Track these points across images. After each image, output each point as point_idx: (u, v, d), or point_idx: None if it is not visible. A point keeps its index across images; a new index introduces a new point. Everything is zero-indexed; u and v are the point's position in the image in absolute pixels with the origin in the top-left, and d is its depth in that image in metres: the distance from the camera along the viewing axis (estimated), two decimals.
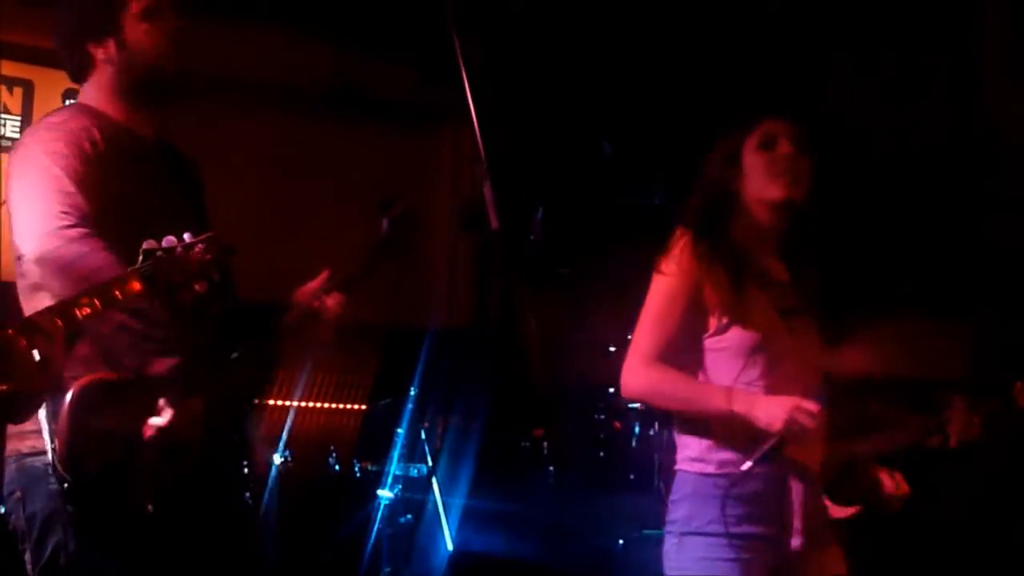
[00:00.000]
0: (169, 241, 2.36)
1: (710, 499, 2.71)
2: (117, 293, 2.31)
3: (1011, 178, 4.73)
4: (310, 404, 5.77)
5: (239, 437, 2.94)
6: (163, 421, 2.55)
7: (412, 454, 5.09)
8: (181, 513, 2.65)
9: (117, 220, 2.62)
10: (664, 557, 2.78)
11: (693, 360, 2.79)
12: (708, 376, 2.77)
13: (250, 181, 5.76)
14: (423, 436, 5.12)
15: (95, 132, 2.69)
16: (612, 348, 5.27)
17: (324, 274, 2.97)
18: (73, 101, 2.91)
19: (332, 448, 5.33)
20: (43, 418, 2.56)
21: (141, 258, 2.33)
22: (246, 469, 4.84)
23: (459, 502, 5.12)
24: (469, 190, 3.74)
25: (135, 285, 2.32)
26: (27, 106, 5.15)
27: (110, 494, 2.55)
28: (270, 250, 2.97)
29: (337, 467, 5.24)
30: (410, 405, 5.07)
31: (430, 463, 5.05)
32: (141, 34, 2.76)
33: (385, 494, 4.93)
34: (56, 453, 2.51)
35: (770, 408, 2.64)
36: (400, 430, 5.04)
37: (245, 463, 4.81)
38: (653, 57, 5.44)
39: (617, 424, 5.26)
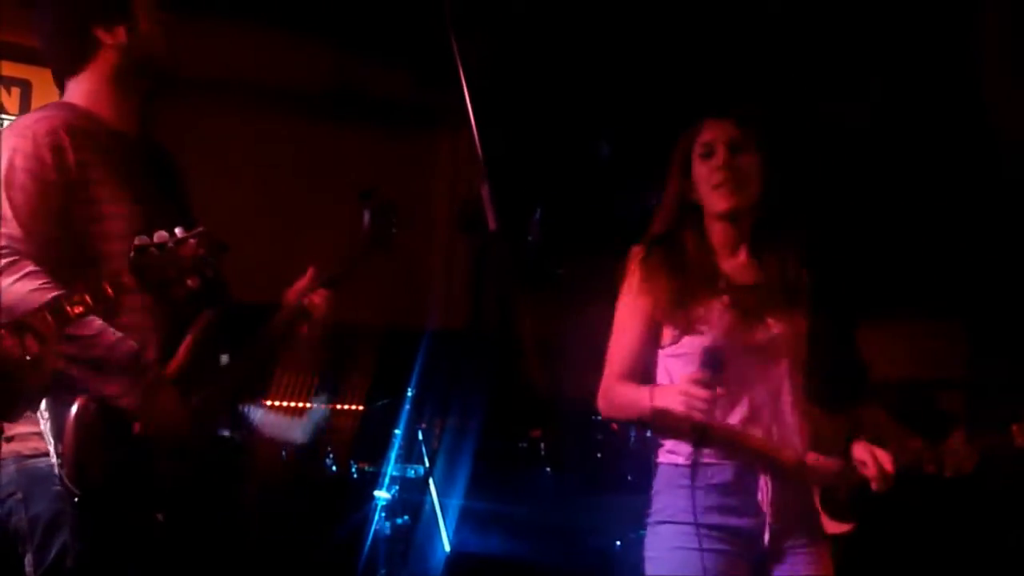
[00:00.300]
0: (160, 236, 2.35)
1: (680, 489, 2.77)
2: (109, 289, 2.31)
3: (1012, 177, 4.73)
4: (308, 405, 5.77)
5: (238, 437, 2.93)
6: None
7: (409, 455, 5.08)
8: (186, 516, 2.66)
9: (83, 225, 2.61)
10: (643, 547, 2.85)
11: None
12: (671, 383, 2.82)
13: (247, 182, 5.76)
14: (420, 437, 5.11)
15: (63, 137, 2.64)
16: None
17: (310, 272, 2.97)
18: None
19: (329, 449, 5.33)
20: (44, 424, 2.55)
21: (133, 254, 2.33)
22: (245, 469, 4.87)
23: (456, 503, 5.12)
24: (467, 191, 3.74)
25: (126, 282, 2.32)
26: (25, 106, 5.15)
27: (120, 505, 2.56)
28: (268, 251, 2.97)
29: (334, 468, 5.24)
30: (407, 406, 5.07)
31: (427, 464, 5.04)
32: (154, 24, 2.78)
33: (382, 495, 4.92)
34: (62, 468, 2.50)
35: (667, 395, 2.69)
36: (397, 431, 5.04)
37: (244, 464, 4.84)
38: (651, 58, 5.44)
39: (614, 425, 5.26)
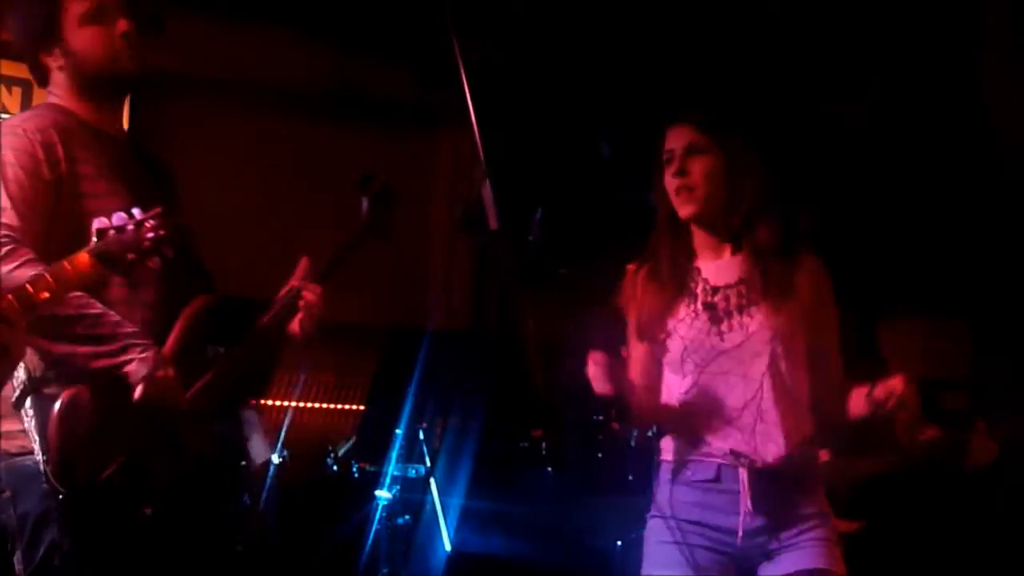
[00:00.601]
0: (120, 218, 2.35)
1: (664, 484, 2.83)
2: (71, 274, 2.31)
3: (1012, 177, 4.73)
4: (308, 404, 5.78)
5: (235, 435, 2.93)
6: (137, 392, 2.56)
7: (410, 455, 5.08)
8: (178, 513, 2.66)
9: (74, 220, 2.61)
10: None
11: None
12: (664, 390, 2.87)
13: (249, 181, 5.77)
14: (421, 436, 5.11)
15: (52, 134, 2.67)
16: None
17: (302, 263, 2.93)
18: None
19: (330, 448, 5.33)
20: (28, 422, 2.56)
21: (94, 238, 2.34)
22: (243, 469, 4.87)
23: (457, 503, 5.12)
24: (468, 191, 3.74)
25: (87, 264, 2.32)
26: (26, 105, 5.16)
27: (106, 501, 2.55)
28: (268, 250, 2.96)
29: (335, 467, 5.24)
30: (409, 405, 5.07)
31: (428, 464, 5.04)
32: (85, 39, 2.75)
33: (383, 495, 4.92)
34: (48, 465, 2.51)
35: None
36: (399, 430, 5.04)
37: (243, 463, 4.85)
38: (652, 58, 5.44)
39: (615, 425, 5.26)
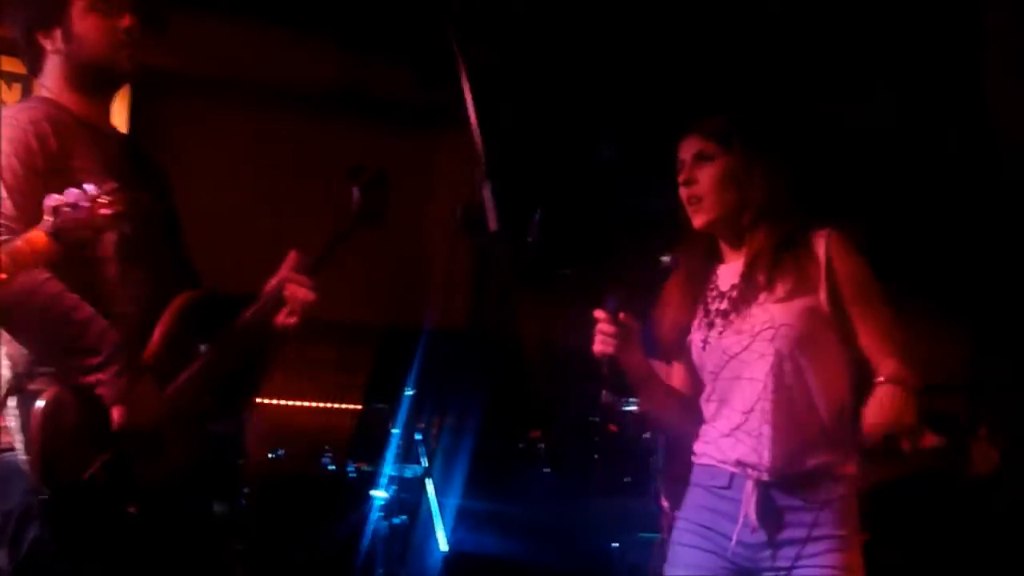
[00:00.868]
0: (74, 195, 2.34)
1: (692, 486, 2.84)
2: (27, 252, 2.30)
3: (1014, 178, 4.72)
4: (304, 403, 5.78)
5: (228, 434, 2.91)
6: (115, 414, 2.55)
7: (407, 455, 5.08)
8: (163, 512, 2.65)
9: None
10: None
11: None
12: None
13: (249, 180, 5.77)
14: (418, 437, 5.11)
15: (46, 126, 2.67)
16: None
17: (291, 256, 2.90)
18: None
19: (326, 448, 5.33)
20: (12, 421, 2.55)
21: (49, 217, 2.32)
22: (239, 468, 4.87)
23: (454, 503, 5.12)
24: (468, 192, 3.74)
25: (44, 243, 2.30)
26: None
27: (90, 500, 2.54)
28: (268, 249, 2.94)
29: (331, 467, 5.24)
30: (406, 405, 5.07)
31: (425, 464, 5.04)
32: (88, 28, 2.75)
33: (380, 494, 4.92)
34: (31, 465, 2.50)
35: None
36: (395, 430, 5.04)
37: (240, 462, 4.84)
38: (653, 59, 5.44)
39: (613, 427, 5.26)
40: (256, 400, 5.17)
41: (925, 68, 5.00)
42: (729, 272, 2.84)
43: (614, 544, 4.78)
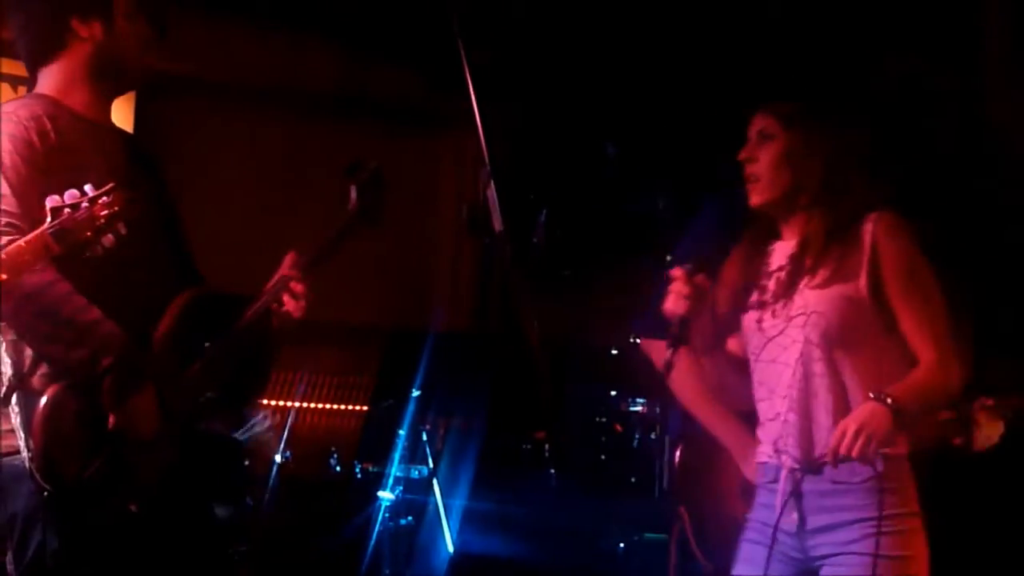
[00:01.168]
0: (72, 196, 2.33)
1: (757, 486, 2.83)
2: (27, 255, 2.30)
3: (1014, 185, 4.71)
4: (311, 405, 5.78)
5: (232, 436, 2.91)
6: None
7: (413, 456, 5.08)
8: (165, 511, 2.66)
9: None
10: None
11: None
12: None
13: (254, 182, 5.77)
14: (424, 438, 5.11)
15: (46, 122, 2.66)
16: (614, 351, 5.28)
17: (289, 257, 2.90)
18: None
19: (333, 449, 5.33)
20: (15, 418, 2.56)
21: (49, 218, 2.31)
22: (246, 469, 4.87)
23: (460, 504, 5.12)
24: (473, 193, 3.74)
25: (45, 244, 2.30)
26: None
27: (91, 498, 2.55)
28: (271, 252, 2.95)
29: (338, 468, 5.24)
30: (412, 407, 5.07)
31: (431, 465, 5.04)
32: (131, 27, 2.77)
33: (386, 495, 4.92)
34: (32, 463, 2.50)
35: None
36: (401, 432, 5.04)
37: (246, 463, 4.85)
38: (658, 61, 5.43)
39: (618, 427, 5.26)
40: (261, 401, 5.18)
41: (924, 75, 4.98)
42: (781, 252, 2.81)
43: (620, 545, 4.78)
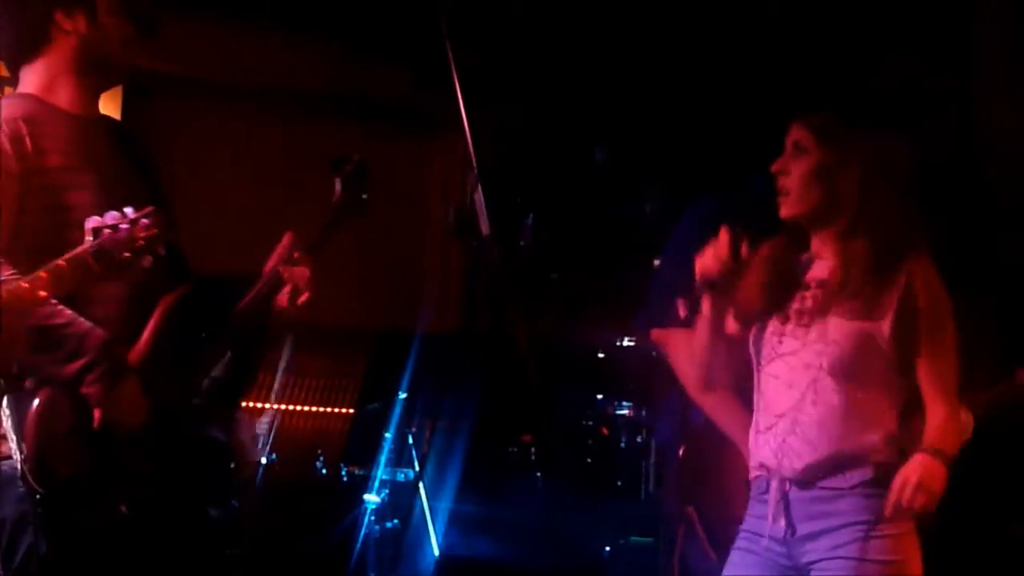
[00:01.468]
0: (114, 217, 2.36)
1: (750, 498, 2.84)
2: (68, 272, 2.32)
3: (1007, 193, 4.73)
4: (297, 407, 5.77)
5: (222, 437, 2.90)
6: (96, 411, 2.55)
7: (399, 458, 5.08)
8: (156, 514, 2.65)
9: (43, 215, 2.61)
10: None
11: None
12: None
13: (242, 182, 5.76)
14: (410, 440, 5.11)
15: (21, 126, 2.64)
16: (601, 354, 5.28)
17: (287, 237, 2.92)
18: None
19: (319, 451, 5.32)
20: (6, 421, 2.54)
21: (90, 237, 2.34)
22: (232, 471, 4.86)
23: (446, 507, 5.12)
24: (460, 196, 3.75)
25: (86, 263, 2.33)
26: None
27: (83, 500, 2.54)
28: (260, 252, 2.95)
29: (324, 471, 5.23)
30: (398, 409, 5.07)
31: (417, 468, 5.04)
32: (113, 21, 2.77)
33: (372, 498, 4.92)
34: (25, 464, 2.49)
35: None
36: (388, 434, 5.04)
37: (232, 465, 4.83)
38: (647, 64, 5.44)
39: (605, 430, 5.26)
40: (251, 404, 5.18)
41: (919, 83, 4.99)
42: (816, 271, 2.78)
43: (606, 548, 4.78)
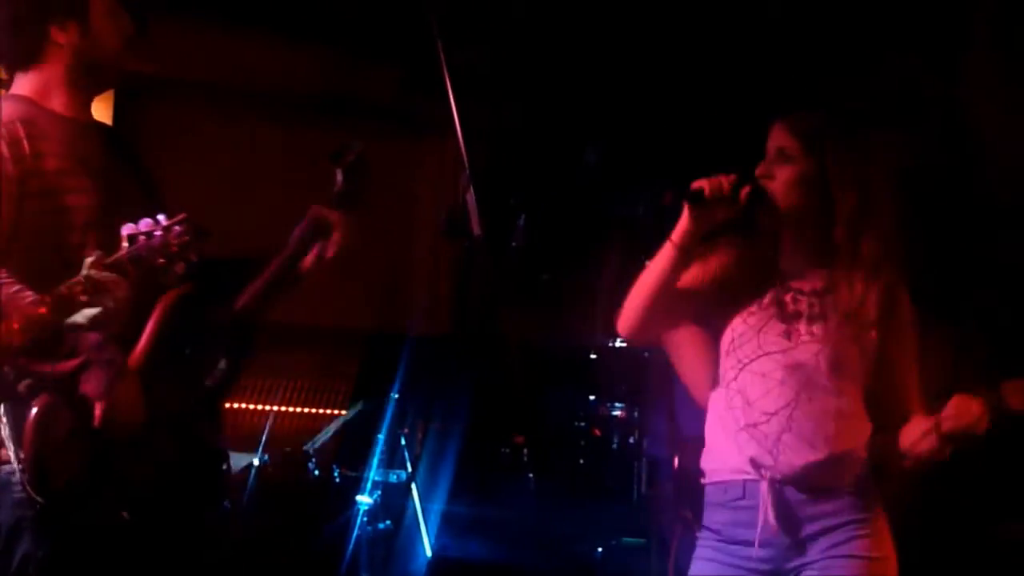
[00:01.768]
0: (148, 224, 2.39)
1: (707, 505, 2.77)
2: (109, 277, 2.32)
3: (1002, 194, 4.74)
4: (289, 409, 5.77)
5: (215, 439, 2.90)
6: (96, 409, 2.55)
7: (392, 460, 5.08)
8: (155, 519, 2.64)
9: (41, 218, 2.61)
10: None
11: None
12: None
13: (234, 185, 5.75)
14: (403, 442, 5.11)
15: (18, 128, 2.64)
16: (593, 355, 5.29)
17: (313, 209, 2.95)
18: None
19: (311, 453, 5.32)
20: (3, 429, 2.54)
21: (126, 244, 2.37)
22: (224, 473, 4.85)
23: (438, 508, 5.12)
24: (452, 197, 3.74)
25: (124, 268, 2.35)
26: None
27: (83, 507, 2.54)
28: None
29: (316, 472, 5.23)
30: (390, 411, 5.07)
31: (410, 469, 5.04)
32: (106, 27, 2.78)
33: (364, 500, 4.92)
34: (23, 472, 2.48)
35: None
36: (380, 436, 5.04)
37: (224, 467, 4.83)
38: (639, 65, 5.45)
39: (597, 431, 5.27)
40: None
41: (915, 86, 5.00)
42: (803, 273, 2.75)
43: (598, 549, 4.79)
